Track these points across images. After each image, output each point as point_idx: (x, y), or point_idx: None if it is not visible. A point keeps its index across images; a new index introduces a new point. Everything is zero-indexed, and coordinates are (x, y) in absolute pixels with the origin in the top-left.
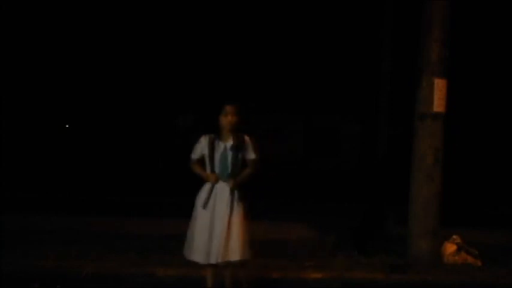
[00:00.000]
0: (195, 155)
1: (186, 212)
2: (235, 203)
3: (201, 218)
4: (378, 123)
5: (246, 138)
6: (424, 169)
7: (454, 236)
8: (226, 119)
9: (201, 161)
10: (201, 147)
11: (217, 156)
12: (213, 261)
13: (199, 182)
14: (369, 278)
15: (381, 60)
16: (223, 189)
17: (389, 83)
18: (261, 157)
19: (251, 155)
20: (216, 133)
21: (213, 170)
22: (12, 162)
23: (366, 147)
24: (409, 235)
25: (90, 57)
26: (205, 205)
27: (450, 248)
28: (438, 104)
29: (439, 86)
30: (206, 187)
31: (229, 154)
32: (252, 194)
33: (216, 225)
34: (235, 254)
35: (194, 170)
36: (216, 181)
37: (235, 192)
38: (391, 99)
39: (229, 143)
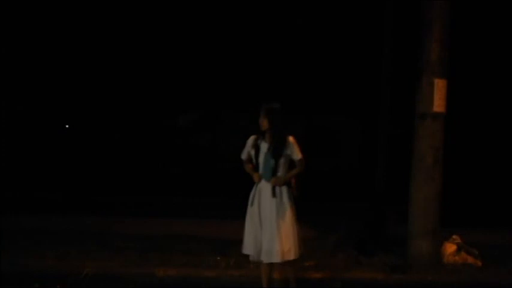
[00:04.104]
0: (244, 155)
1: (186, 212)
2: (280, 203)
3: (250, 215)
4: (378, 123)
5: (288, 139)
6: (424, 169)
7: (454, 236)
8: (260, 121)
9: (250, 160)
10: (248, 147)
11: (261, 156)
12: (264, 259)
13: (200, 183)
14: (369, 278)
15: (381, 60)
16: (266, 189)
17: (389, 83)
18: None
19: (295, 156)
20: (260, 133)
21: (257, 170)
22: (12, 162)
23: (366, 148)
24: (409, 235)
25: (89, 57)
26: (251, 203)
27: (450, 248)
28: (438, 104)
29: (439, 86)
30: (255, 186)
31: (268, 155)
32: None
33: (263, 225)
34: (284, 254)
35: (245, 169)
36: (259, 180)
37: (281, 191)
38: (391, 99)
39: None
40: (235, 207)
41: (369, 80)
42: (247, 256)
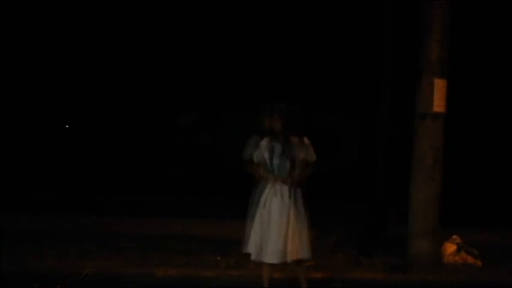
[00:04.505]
0: (257, 157)
1: (186, 212)
2: (295, 203)
3: (259, 215)
4: (378, 123)
5: (301, 139)
6: (424, 169)
7: (454, 236)
8: (272, 123)
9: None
10: (261, 148)
11: (276, 158)
12: (273, 260)
13: (200, 183)
14: (369, 278)
15: (381, 60)
16: (280, 189)
17: (389, 83)
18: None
19: (309, 157)
20: (272, 135)
21: (271, 171)
22: (12, 162)
23: (366, 148)
24: (409, 235)
25: (89, 57)
26: (263, 204)
27: (450, 248)
28: (438, 104)
29: (439, 86)
30: (264, 187)
31: (284, 156)
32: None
33: (274, 225)
34: (296, 253)
35: (253, 171)
36: (275, 182)
37: (294, 192)
38: (391, 99)
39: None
40: (235, 207)
41: (369, 80)
42: (247, 256)
